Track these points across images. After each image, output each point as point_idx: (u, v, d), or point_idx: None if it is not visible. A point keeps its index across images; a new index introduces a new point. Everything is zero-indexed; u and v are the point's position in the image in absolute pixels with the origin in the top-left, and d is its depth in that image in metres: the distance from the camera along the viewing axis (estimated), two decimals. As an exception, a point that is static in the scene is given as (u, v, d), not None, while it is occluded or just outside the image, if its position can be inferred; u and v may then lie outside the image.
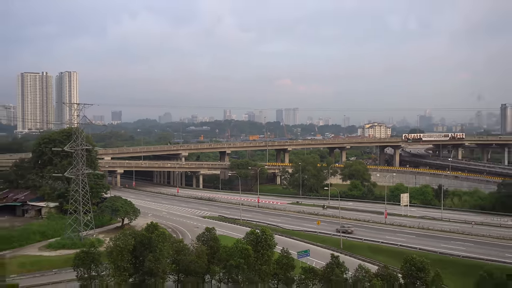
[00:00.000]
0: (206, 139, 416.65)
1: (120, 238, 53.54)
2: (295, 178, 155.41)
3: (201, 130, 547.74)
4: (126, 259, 51.62)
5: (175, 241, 59.28)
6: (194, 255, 54.64)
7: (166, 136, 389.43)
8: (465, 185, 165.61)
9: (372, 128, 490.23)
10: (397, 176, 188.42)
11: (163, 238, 53.99)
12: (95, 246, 55.47)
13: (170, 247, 54.95)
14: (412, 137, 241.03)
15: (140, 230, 62.07)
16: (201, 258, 54.54)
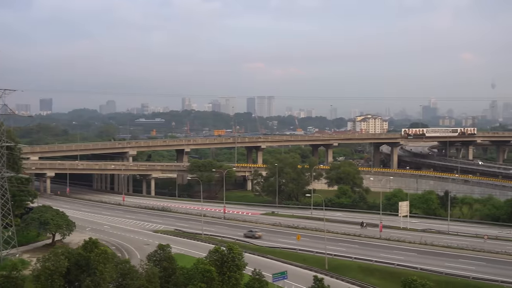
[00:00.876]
0: (160, 135, 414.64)
1: (50, 259, 53.04)
2: (270, 182, 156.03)
3: (153, 123, 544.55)
4: (57, 284, 51.19)
5: (119, 262, 58.95)
6: (143, 279, 54.47)
7: (109, 131, 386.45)
8: (477, 191, 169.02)
9: (365, 121, 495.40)
10: (394, 180, 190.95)
11: (105, 258, 53.69)
12: (18, 269, 54.81)
13: (113, 269, 54.65)
14: (413, 133, 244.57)
15: (75, 248, 61.57)
16: (153, 283, 54.42)
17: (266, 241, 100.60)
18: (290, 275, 70.41)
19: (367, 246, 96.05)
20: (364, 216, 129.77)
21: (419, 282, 53.43)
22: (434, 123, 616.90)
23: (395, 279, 68.04)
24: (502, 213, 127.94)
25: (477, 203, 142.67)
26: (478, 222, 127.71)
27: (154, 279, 54.83)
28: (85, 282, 51.18)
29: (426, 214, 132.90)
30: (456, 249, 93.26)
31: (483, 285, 71.39)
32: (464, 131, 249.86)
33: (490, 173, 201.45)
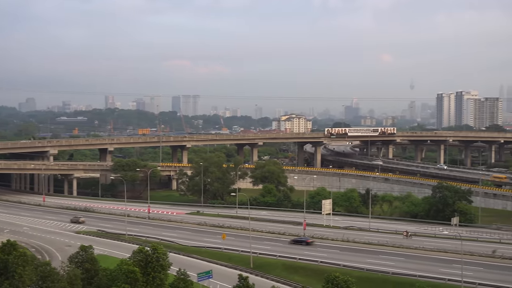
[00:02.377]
0: (82, 133, 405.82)
1: (-35, 263, 50.99)
2: (195, 182, 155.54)
3: (75, 122, 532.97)
4: (-27, 289, 49.30)
5: (39, 264, 57.30)
6: (65, 281, 53.22)
7: (28, 129, 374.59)
8: (396, 189, 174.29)
9: (289, 120, 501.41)
10: (318, 178, 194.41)
11: (24, 261, 52.20)
12: None
13: (33, 272, 53.15)
14: (336, 132, 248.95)
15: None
16: (74, 285, 53.26)
17: (192, 241, 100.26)
18: (216, 274, 70.48)
19: (292, 244, 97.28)
20: (288, 214, 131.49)
21: (342, 278, 54.52)
22: (356, 122, 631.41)
23: (319, 276, 69.18)
24: (420, 210, 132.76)
25: (396, 200, 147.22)
26: (398, 219, 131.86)
27: (76, 281, 53.68)
28: (3, 286, 49.51)
29: (348, 212, 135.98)
30: (377, 245, 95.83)
31: (401, 280, 73.64)
32: (385, 131, 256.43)
33: (409, 171, 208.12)
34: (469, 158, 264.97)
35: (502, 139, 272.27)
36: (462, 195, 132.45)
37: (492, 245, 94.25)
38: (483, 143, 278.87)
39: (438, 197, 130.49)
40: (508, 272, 76.61)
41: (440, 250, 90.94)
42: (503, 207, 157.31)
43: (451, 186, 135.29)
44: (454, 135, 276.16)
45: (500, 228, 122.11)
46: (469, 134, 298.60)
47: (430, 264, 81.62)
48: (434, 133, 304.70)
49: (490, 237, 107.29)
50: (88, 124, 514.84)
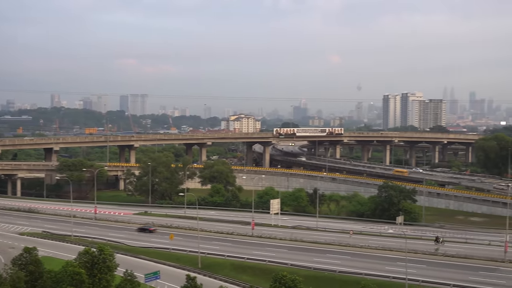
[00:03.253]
0: (27, 132, 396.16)
1: None
2: (143, 182, 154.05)
3: (19, 121, 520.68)
4: None
5: (-19, 267, 55.89)
6: (7, 284, 52.05)
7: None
8: (343, 189, 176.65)
9: (238, 120, 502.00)
10: (266, 178, 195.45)
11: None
12: None
13: (-26, 275, 51.74)
14: (284, 132, 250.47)
15: None
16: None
17: (140, 241, 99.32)
18: (163, 275, 70.02)
19: (240, 244, 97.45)
20: (237, 214, 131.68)
21: (289, 277, 55.00)
22: (304, 123, 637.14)
23: (267, 275, 69.61)
24: (366, 209, 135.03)
25: (343, 200, 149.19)
26: (345, 218, 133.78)
27: (19, 284, 52.54)
28: None
29: (296, 211, 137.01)
30: (324, 244, 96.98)
31: (348, 278, 74.81)
32: (332, 131, 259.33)
33: (356, 171, 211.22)
34: (413, 158, 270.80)
35: (445, 139, 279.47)
36: (407, 195, 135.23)
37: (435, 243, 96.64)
38: (427, 144, 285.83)
39: (383, 197, 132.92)
40: (450, 269, 78.78)
41: (385, 249, 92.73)
42: (446, 206, 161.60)
43: (396, 185, 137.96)
44: (399, 136, 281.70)
45: (442, 226, 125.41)
46: (414, 135, 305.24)
47: (376, 262, 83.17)
48: (380, 133, 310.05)
49: (433, 235, 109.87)
50: (33, 123, 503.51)
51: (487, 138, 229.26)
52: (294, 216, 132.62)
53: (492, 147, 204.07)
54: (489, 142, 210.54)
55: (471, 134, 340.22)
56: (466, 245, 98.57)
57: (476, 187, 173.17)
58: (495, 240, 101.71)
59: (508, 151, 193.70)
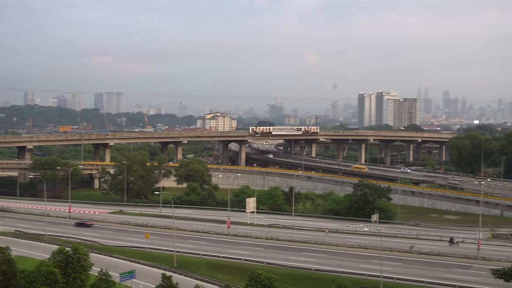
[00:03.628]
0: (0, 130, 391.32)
1: None
2: (118, 180, 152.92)
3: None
4: None
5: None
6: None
7: None
8: (319, 187, 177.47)
9: (214, 119, 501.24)
10: (242, 177, 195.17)
11: None
12: None
13: None
14: (260, 131, 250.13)
15: None
16: (-10, 288, 51.39)
17: (115, 240, 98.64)
18: (139, 274, 69.68)
19: (216, 243, 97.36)
20: (213, 212, 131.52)
21: (265, 275, 55.05)
22: (280, 121, 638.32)
23: (243, 274, 69.60)
24: (342, 207, 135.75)
25: (319, 198, 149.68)
26: (320, 217, 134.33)
27: (-9, 284, 51.80)
28: None
29: (272, 210, 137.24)
30: (300, 242, 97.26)
31: (323, 276, 75.08)
32: (308, 130, 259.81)
33: (331, 169, 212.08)
34: (388, 156, 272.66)
35: (419, 138, 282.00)
36: (382, 193, 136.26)
37: (410, 241, 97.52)
38: (402, 142, 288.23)
39: (359, 195, 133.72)
40: (424, 266, 79.56)
41: (361, 247, 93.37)
42: (420, 204, 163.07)
43: (371, 184, 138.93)
44: (374, 135, 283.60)
45: (417, 224, 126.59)
46: (389, 133, 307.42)
47: (351, 260, 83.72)
48: (356, 132, 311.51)
49: (408, 233, 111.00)
50: (6, 121, 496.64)
51: (460, 137, 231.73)
52: (270, 214, 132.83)
53: (465, 145, 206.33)
54: (462, 140, 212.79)
55: (445, 133, 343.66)
56: (441, 242, 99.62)
57: (449, 185, 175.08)
58: (469, 237, 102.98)
59: (481, 150, 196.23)
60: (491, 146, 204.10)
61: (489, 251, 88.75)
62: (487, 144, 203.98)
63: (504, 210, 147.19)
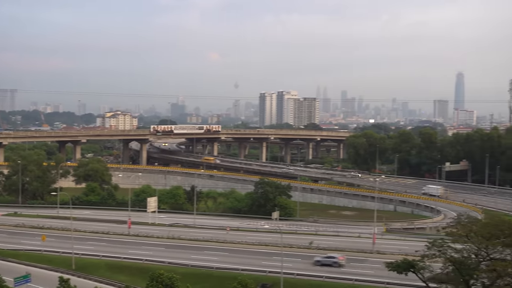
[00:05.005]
0: None
1: None
2: (12, 181, 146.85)
3: None
4: None
5: None
6: None
7: None
8: (221, 185, 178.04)
9: (114, 117, 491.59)
10: (144, 176, 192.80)
11: None
12: None
13: None
14: (162, 129, 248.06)
15: None
16: None
17: (9, 243, 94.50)
18: (35, 278, 67.22)
19: (116, 244, 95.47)
20: (113, 213, 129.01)
21: (166, 275, 54.72)
22: (182, 120, 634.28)
23: (144, 274, 68.63)
24: (243, 205, 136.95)
25: (221, 196, 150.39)
26: (222, 215, 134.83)
27: None
28: None
29: (173, 209, 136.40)
30: (202, 241, 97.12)
31: (225, 274, 75.33)
32: (210, 129, 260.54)
33: (233, 168, 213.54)
34: (289, 155, 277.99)
35: (318, 137, 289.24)
36: (282, 190, 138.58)
37: (309, 237, 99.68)
38: (301, 141, 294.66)
39: (260, 193, 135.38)
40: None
41: (262, 244, 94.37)
42: (319, 200, 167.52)
43: (272, 182, 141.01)
44: (275, 133, 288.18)
45: (316, 220, 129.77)
46: (289, 132, 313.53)
47: (253, 258, 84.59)
48: (257, 131, 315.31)
49: (307, 229, 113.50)
50: None
51: (357, 135, 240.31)
52: (171, 214, 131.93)
53: (361, 143, 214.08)
54: (358, 139, 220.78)
55: (343, 131, 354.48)
56: (338, 238, 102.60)
57: (347, 182, 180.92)
58: (365, 232, 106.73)
59: (376, 148, 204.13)
60: (385, 144, 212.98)
61: (383, 245, 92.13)
62: (382, 142, 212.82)
63: (397, 205, 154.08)
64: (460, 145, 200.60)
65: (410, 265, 58.81)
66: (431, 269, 58.07)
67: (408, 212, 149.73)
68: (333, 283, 71.74)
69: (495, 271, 52.23)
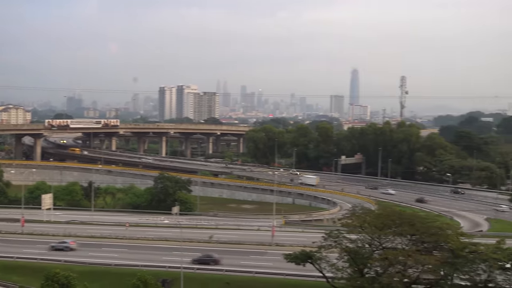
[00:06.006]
0: None
1: None
2: None
3: None
4: None
5: None
6: None
7: None
8: (120, 181, 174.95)
9: (6, 111, 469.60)
10: (38, 172, 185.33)
11: None
12: None
13: None
14: (57, 124, 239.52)
15: None
16: None
17: None
18: None
19: (9, 243, 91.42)
20: (5, 211, 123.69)
21: (62, 274, 53.23)
22: (79, 114, 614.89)
23: (39, 274, 66.05)
24: (143, 200, 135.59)
25: (120, 192, 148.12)
26: (121, 211, 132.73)
27: None
28: None
29: (70, 206, 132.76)
30: (100, 238, 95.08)
31: (124, 271, 73.94)
32: (108, 123, 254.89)
33: (132, 163, 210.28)
34: (189, 149, 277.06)
35: (218, 131, 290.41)
36: (182, 185, 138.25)
37: (210, 231, 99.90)
38: (202, 135, 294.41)
39: (159, 188, 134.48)
40: (224, 255, 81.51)
41: (162, 239, 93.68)
42: (220, 194, 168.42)
43: (172, 176, 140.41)
44: (175, 127, 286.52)
45: (216, 214, 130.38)
46: (189, 126, 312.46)
47: (153, 253, 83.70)
48: (157, 125, 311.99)
49: (207, 223, 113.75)
50: None
51: (256, 129, 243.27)
52: (68, 211, 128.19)
53: (260, 138, 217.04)
54: (258, 133, 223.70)
55: (242, 126, 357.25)
56: (238, 231, 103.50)
57: (246, 176, 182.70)
58: (264, 225, 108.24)
59: (275, 142, 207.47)
60: (284, 138, 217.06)
61: (282, 237, 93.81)
62: (281, 136, 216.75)
63: (295, 198, 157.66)
64: (355, 139, 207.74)
65: (308, 256, 60.25)
66: (327, 260, 59.77)
67: (306, 204, 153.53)
68: (233, 276, 72.41)
69: (387, 259, 54.51)
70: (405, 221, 58.76)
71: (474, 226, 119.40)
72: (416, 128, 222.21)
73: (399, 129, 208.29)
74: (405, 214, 63.99)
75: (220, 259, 78.48)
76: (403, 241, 57.50)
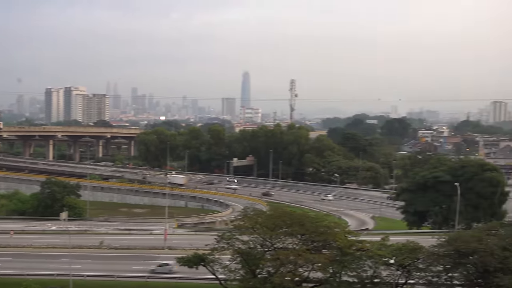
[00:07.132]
0: None
1: None
2: None
3: None
4: None
5: None
6: None
7: None
8: (3, 187, 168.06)
9: None
10: None
11: None
12: None
13: None
14: None
15: None
16: None
17: None
18: None
19: None
20: None
21: None
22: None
23: None
24: (29, 206, 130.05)
25: (3, 198, 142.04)
26: (5, 218, 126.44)
27: None
28: None
29: None
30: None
31: (8, 281, 70.78)
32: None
33: (17, 167, 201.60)
34: (78, 153, 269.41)
35: (109, 134, 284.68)
36: (71, 190, 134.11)
37: (100, 237, 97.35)
38: (91, 138, 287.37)
39: (46, 193, 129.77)
40: (115, 260, 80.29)
41: (50, 246, 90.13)
42: (110, 199, 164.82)
43: (60, 181, 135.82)
44: (63, 130, 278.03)
45: (107, 219, 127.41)
46: (78, 129, 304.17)
47: (40, 261, 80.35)
48: (43, 128, 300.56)
49: (98, 229, 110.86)
50: None
51: (148, 132, 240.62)
52: None
53: (152, 140, 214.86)
54: (149, 136, 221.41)
55: (134, 129, 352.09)
56: (130, 236, 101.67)
57: (138, 179, 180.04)
58: (157, 229, 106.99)
59: (167, 144, 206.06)
60: (176, 141, 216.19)
61: (175, 240, 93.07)
62: (173, 139, 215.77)
63: (188, 201, 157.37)
64: (247, 141, 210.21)
65: (200, 259, 60.11)
66: (220, 262, 59.96)
67: (198, 207, 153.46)
68: (125, 282, 71.11)
69: (278, 259, 55.44)
70: (295, 221, 59.98)
71: (361, 224, 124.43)
72: (305, 130, 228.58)
73: (289, 131, 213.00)
74: (296, 215, 65.31)
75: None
76: (294, 241, 58.63)
